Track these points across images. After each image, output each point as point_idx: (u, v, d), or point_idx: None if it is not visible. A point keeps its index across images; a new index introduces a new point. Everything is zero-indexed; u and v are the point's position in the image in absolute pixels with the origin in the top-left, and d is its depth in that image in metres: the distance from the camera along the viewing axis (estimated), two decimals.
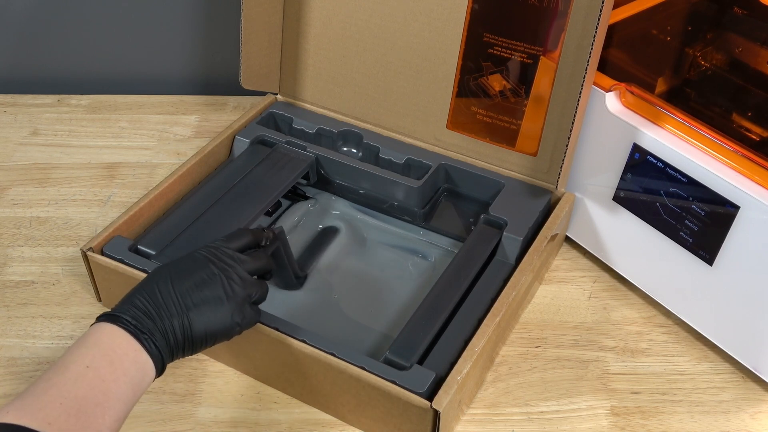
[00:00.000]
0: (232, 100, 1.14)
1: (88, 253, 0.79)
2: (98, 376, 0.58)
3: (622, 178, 0.81)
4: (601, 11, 0.74)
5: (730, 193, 0.72)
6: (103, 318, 0.62)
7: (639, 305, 0.86)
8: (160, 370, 0.62)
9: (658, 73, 0.87)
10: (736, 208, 0.72)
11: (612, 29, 0.82)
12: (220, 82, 1.17)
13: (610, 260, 0.87)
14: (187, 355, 0.64)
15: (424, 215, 0.89)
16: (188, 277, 0.65)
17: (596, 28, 0.75)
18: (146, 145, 1.06)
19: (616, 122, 0.80)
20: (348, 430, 0.73)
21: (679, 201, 0.77)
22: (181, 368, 0.78)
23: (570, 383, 0.78)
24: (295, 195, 0.94)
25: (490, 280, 0.79)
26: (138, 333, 0.61)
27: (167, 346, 0.62)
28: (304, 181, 0.93)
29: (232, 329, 0.65)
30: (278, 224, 0.90)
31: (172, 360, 0.63)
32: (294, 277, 0.82)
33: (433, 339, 0.73)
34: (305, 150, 0.92)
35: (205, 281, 0.65)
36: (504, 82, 0.86)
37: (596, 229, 0.87)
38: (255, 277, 0.69)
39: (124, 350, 0.60)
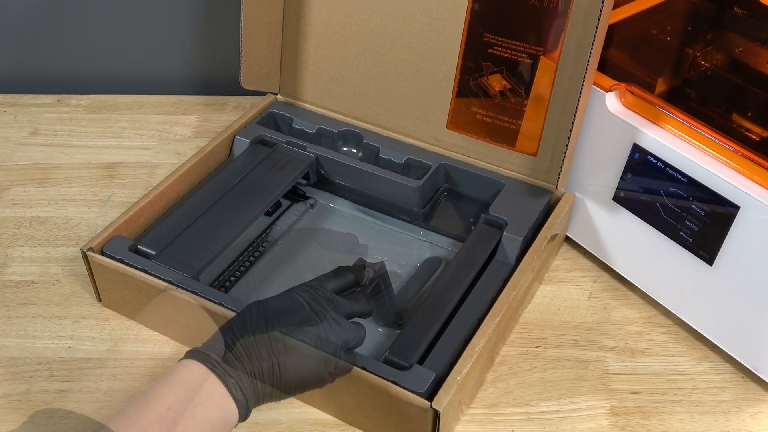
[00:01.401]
0: (232, 100, 1.14)
1: (88, 253, 0.79)
2: (179, 420, 0.56)
3: (622, 178, 0.81)
4: (601, 11, 0.74)
5: (730, 193, 0.72)
6: (191, 354, 0.60)
7: (639, 305, 0.86)
8: (244, 416, 0.60)
9: (658, 73, 0.87)
10: (736, 208, 0.72)
11: (612, 29, 0.82)
12: (220, 82, 1.17)
13: (610, 260, 0.87)
14: (275, 401, 0.62)
15: (424, 215, 0.89)
16: (282, 319, 0.61)
17: (596, 28, 0.75)
18: (146, 145, 1.06)
19: (616, 122, 0.80)
20: (348, 430, 0.73)
21: (679, 201, 0.77)
22: None
23: (570, 383, 0.78)
24: (295, 195, 0.94)
25: (490, 280, 0.79)
26: (225, 376, 0.58)
27: (254, 392, 0.59)
28: (304, 181, 0.93)
29: (323, 379, 0.63)
30: (278, 224, 0.90)
31: (257, 405, 0.61)
32: (394, 314, 0.78)
33: (433, 339, 0.73)
34: (305, 150, 0.92)
35: (299, 325, 0.61)
36: (504, 82, 0.86)
37: (596, 229, 0.87)
38: (353, 319, 0.66)
39: (209, 394, 0.58)
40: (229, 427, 0.59)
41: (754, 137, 0.80)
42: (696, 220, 0.76)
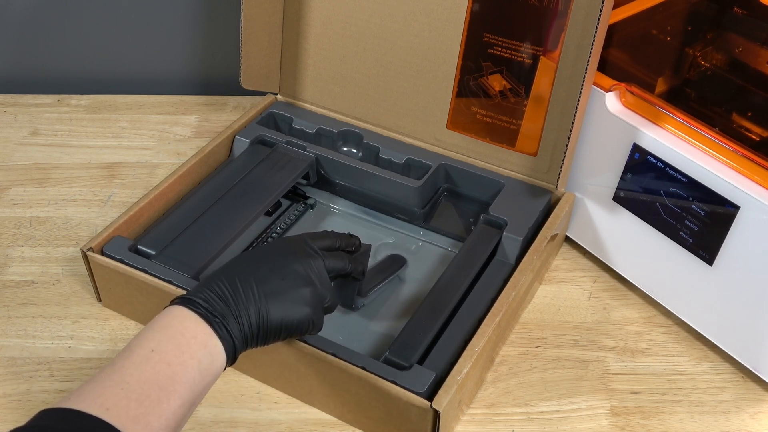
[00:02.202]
0: (232, 100, 1.14)
1: (88, 253, 0.79)
2: (163, 359, 0.55)
3: (622, 178, 0.81)
4: (601, 11, 0.74)
5: (730, 193, 0.72)
6: (175, 301, 0.60)
7: (639, 305, 0.86)
8: (232, 358, 0.59)
9: (658, 73, 0.87)
10: (736, 208, 0.72)
11: (612, 29, 0.82)
12: (220, 82, 1.17)
13: (610, 260, 0.87)
14: (260, 346, 0.61)
15: (424, 215, 0.89)
16: (269, 263, 0.62)
17: (596, 28, 0.75)
18: (146, 145, 1.06)
19: (616, 122, 0.80)
20: (348, 430, 0.73)
21: (679, 201, 0.77)
22: None
23: (570, 383, 0.78)
24: (295, 195, 0.94)
25: (490, 280, 0.79)
26: (209, 316, 0.58)
27: (240, 333, 0.59)
28: (304, 181, 0.93)
29: (307, 325, 0.63)
30: (277, 223, 0.90)
31: (245, 349, 0.60)
32: (356, 295, 0.79)
33: (433, 339, 0.73)
34: (305, 150, 0.92)
35: (286, 270, 0.62)
36: (504, 82, 0.86)
37: (596, 229, 0.87)
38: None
39: (193, 333, 0.57)
40: (218, 367, 0.58)
41: (754, 137, 0.80)
42: (696, 220, 0.76)
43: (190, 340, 0.57)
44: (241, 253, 0.65)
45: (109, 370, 0.55)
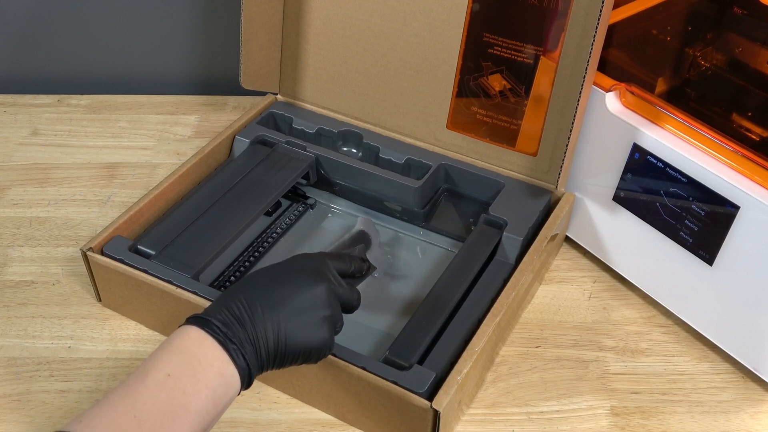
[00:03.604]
0: (232, 100, 1.14)
1: (88, 253, 0.79)
2: (178, 386, 0.54)
3: (622, 178, 0.81)
4: (601, 11, 0.74)
5: (730, 193, 0.72)
6: (191, 320, 0.58)
7: (639, 305, 0.86)
8: (246, 384, 0.58)
9: (658, 73, 0.87)
10: (736, 208, 0.72)
11: (612, 29, 0.82)
12: (220, 82, 1.17)
13: (610, 260, 0.87)
14: (278, 368, 0.59)
15: (424, 215, 0.89)
16: (291, 285, 0.59)
17: (596, 28, 0.75)
18: (146, 145, 1.06)
19: (616, 122, 0.80)
20: (348, 430, 0.73)
21: (679, 201, 0.77)
22: None
23: (570, 383, 0.78)
24: (295, 195, 0.94)
25: (490, 280, 0.79)
26: (227, 342, 0.56)
27: (257, 359, 0.57)
28: (304, 181, 0.93)
29: (326, 350, 0.60)
30: (277, 223, 0.90)
31: (261, 372, 0.58)
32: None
33: (433, 339, 0.73)
34: (305, 150, 0.91)
35: (307, 294, 0.59)
36: (504, 82, 0.86)
37: (596, 229, 0.87)
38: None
39: (210, 361, 0.55)
40: (231, 395, 0.57)
41: (754, 137, 0.80)
42: (696, 220, 0.76)
43: (206, 367, 0.55)
44: (262, 269, 0.62)
45: (122, 392, 0.53)
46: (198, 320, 0.57)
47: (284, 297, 0.59)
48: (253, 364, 0.57)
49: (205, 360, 0.55)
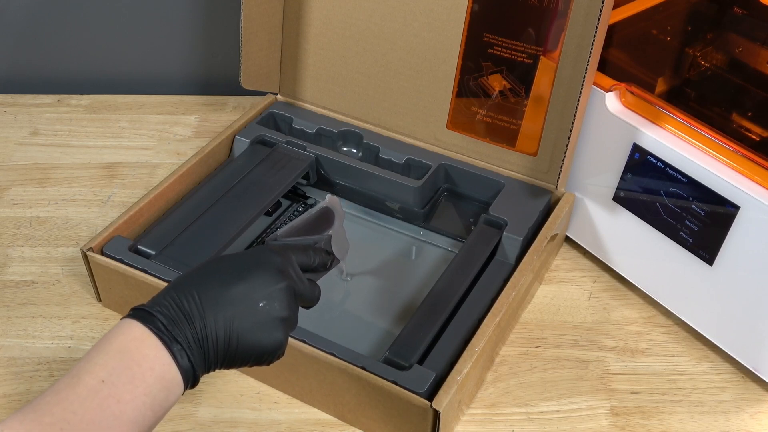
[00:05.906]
0: (232, 100, 1.14)
1: (88, 253, 0.79)
2: (113, 395, 0.49)
3: (622, 178, 0.81)
4: (601, 11, 0.74)
5: (730, 193, 0.72)
6: (136, 313, 0.53)
7: (639, 305, 0.86)
8: (191, 385, 0.53)
9: (658, 73, 0.87)
10: (736, 208, 0.72)
11: (612, 29, 0.82)
12: (220, 82, 1.17)
13: (610, 260, 0.87)
14: (223, 369, 0.55)
15: (424, 215, 0.89)
16: (249, 282, 0.54)
17: (596, 28, 0.75)
18: (146, 145, 1.06)
19: (616, 122, 0.80)
20: (348, 430, 0.73)
21: (679, 201, 0.77)
22: None
23: (570, 383, 0.78)
24: (295, 195, 0.94)
25: (490, 280, 0.79)
26: (171, 342, 0.51)
27: (204, 360, 0.53)
28: (304, 181, 0.93)
29: (279, 353, 0.56)
30: (277, 223, 0.90)
31: (207, 372, 0.54)
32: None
33: (433, 339, 0.73)
34: (305, 150, 0.92)
35: (265, 291, 0.55)
36: (504, 82, 0.86)
37: (596, 229, 0.87)
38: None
39: (150, 364, 0.51)
40: (173, 399, 0.52)
41: (754, 137, 0.80)
42: (696, 220, 0.76)
43: (146, 371, 0.50)
44: (221, 257, 0.57)
45: (50, 397, 0.49)
46: (143, 314, 0.52)
47: (241, 294, 0.54)
48: (199, 364, 0.53)
49: (146, 363, 0.51)
